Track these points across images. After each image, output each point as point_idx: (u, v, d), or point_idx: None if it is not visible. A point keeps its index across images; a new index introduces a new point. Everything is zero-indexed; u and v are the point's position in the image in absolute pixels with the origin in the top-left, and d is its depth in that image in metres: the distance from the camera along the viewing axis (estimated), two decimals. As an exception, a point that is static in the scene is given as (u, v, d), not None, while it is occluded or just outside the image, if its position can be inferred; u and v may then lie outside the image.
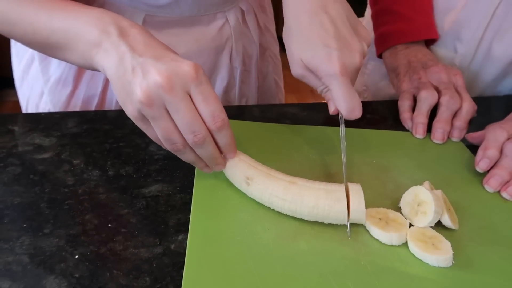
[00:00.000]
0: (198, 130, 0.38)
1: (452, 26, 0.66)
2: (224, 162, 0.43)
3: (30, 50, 0.65)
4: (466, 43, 0.66)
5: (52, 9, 0.47)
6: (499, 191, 0.47)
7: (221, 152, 0.42)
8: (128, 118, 0.55)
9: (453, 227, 0.41)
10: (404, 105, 0.58)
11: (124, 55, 0.39)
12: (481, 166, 0.49)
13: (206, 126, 0.38)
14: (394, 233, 0.39)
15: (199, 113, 0.38)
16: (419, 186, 0.42)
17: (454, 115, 0.56)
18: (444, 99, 0.56)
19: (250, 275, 0.35)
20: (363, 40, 0.42)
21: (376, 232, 0.40)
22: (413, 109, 0.58)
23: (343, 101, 0.41)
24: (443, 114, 0.55)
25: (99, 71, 0.43)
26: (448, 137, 0.55)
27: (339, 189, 0.40)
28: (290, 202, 0.40)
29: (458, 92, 0.58)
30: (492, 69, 0.67)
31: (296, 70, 0.43)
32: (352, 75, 0.42)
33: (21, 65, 0.68)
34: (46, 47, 0.49)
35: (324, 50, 0.40)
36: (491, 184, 0.47)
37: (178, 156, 0.41)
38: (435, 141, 0.55)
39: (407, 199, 0.42)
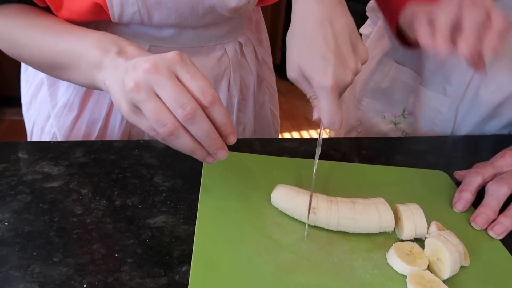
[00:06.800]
0: (187, 103, 0.38)
1: (442, 70, 0.70)
2: (225, 147, 0.42)
3: (40, 76, 0.68)
4: (455, 86, 0.70)
5: (58, 33, 0.51)
6: (485, 229, 0.50)
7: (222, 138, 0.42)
8: (134, 149, 0.58)
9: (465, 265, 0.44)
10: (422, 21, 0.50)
11: (120, 65, 0.42)
12: (457, 207, 0.52)
13: (196, 102, 0.39)
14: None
15: (188, 90, 0.39)
16: (439, 243, 0.43)
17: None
18: None
19: (250, 307, 0.37)
20: (359, 59, 0.44)
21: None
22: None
23: (327, 114, 0.43)
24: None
25: (101, 89, 0.46)
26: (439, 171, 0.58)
27: (383, 200, 0.48)
28: (359, 220, 0.45)
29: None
30: (479, 111, 0.70)
31: (292, 73, 0.45)
32: (341, 91, 0.44)
33: (30, 91, 0.70)
34: (52, 68, 0.52)
35: (322, 62, 0.42)
36: (477, 222, 0.50)
37: (174, 144, 0.41)
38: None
39: (427, 250, 0.44)
